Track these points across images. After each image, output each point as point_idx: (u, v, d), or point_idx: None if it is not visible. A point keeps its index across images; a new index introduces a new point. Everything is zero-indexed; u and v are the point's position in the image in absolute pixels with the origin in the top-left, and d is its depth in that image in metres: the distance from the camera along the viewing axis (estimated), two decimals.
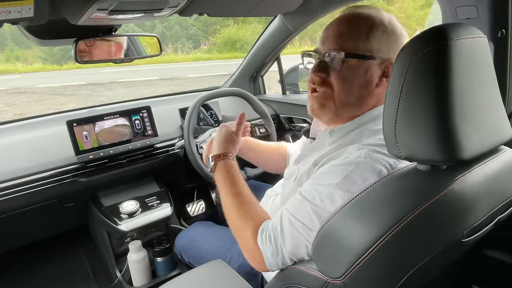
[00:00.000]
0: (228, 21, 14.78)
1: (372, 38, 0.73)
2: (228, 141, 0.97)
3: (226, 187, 0.85)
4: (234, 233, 0.80)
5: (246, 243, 0.76)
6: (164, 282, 0.88)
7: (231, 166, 0.90)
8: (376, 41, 0.73)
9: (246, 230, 0.76)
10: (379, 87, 0.75)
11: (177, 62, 12.56)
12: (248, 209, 0.79)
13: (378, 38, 0.73)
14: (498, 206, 0.60)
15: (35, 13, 0.76)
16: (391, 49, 0.74)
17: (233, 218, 0.80)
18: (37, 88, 8.52)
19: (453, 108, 0.51)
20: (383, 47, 0.74)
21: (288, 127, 1.87)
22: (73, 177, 1.32)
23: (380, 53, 0.74)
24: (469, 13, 0.93)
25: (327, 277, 0.57)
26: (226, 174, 0.88)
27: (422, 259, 0.52)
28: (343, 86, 0.76)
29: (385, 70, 0.75)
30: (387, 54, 0.74)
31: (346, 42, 0.74)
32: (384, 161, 0.65)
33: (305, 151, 0.88)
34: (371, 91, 0.75)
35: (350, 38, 0.74)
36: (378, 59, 0.74)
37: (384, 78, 0.75)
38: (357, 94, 0.75)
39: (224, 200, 0.84)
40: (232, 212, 0.80)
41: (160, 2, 0.88)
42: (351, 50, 0.74)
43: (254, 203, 0.82)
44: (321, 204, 0.66)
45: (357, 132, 0.75)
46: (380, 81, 0.75)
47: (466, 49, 0.53)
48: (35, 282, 1.53)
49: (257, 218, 0.77)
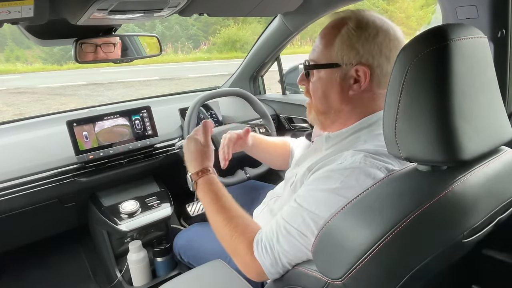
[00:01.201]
0: (228, 21, 14.78)
1: (335, 45, 0.73)
2: (201, 155, 0.91)
3: (211, 205, 0.82)
4: (227, 249, 0.78)
5: (243, 258, 0.73)
6: (164, 282, 0.88)
7: (212, 182, 0.86)
8: (339, 48, 0.72)
9: (240, 244, 0.74)
10: (353, 92, 0.74)
11: (177, 62, 12.56)
12: (238, 223, 0.77)
13: (341, 44, 0.72)
14: (498, 206, 0.60)
15: (35, 13, 0.76)
16: (361, 51, 0.71)
17: (224, 235, 0.77)
18: (37, 88, 8.52)
19: (453, 109, 0.51)
20: (349, 52, 0.71)
21: (288, 127, 1.87)
22: (73, 177, 1.31)
23: (346, 58, 0.72)
24: (469, 13, 0.93)
25: (327, 278, 0.57)
26: (209, 191, 0.84)
27: (423, 259, 0.52)
28: (317, 96, 0.78)
29: (357, 74, 0.72)
30: (356, 58, 0.71)
31: (316, 53, 0.76)
32: (380, 165, 0.65)
33: (304, 154, 0.88)
34: (344, 98, 0.75)
35: (319, 48, 0.76)
36: (345, 66, 0.72)
37: (355, 84, 0.73)
38: (331, 102, 0.76)
39: (211, 218, 0.81)
40: (222, 228, 0.78)
41: (160, 2, 0.88)
42: (318, 60, 0.76)
43: (242, 215, 0.80)
44: (317, 210, 0.65)
45: (353, 138, 0.74)
46: (352, 87, 0.73)
47: (467, 49, 0.53)
48: (35, 282, 1.53)
49: (248, 231, 0.76)
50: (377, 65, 0.71)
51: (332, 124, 0.79)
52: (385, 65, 0.71)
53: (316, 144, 0.83)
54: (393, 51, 0.71)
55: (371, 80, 0.72)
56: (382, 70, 0.71)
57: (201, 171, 0.88)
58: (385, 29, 0.72)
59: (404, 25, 13.25)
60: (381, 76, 0.72)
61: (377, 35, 0.71)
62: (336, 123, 0.79)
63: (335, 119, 0.78)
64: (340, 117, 0.77)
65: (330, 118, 0.79)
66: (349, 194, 0.60)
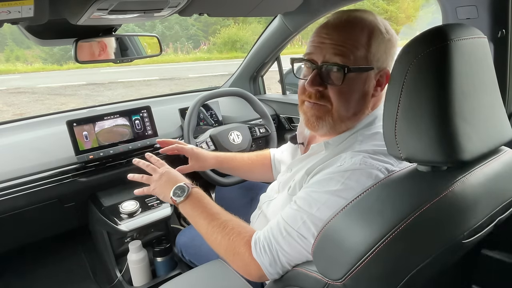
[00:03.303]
0: (228, 21, 14.77)
1: (372, 47, 0.70)
2: (175, 176, 0.89)
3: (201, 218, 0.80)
4: (224, 255, 0.76)
5: (241, 259, 0.72)
6: (164, 282, 0.88)
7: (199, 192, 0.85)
8: (375, 51, 0.71)
9: (238, 246, 0.73)
10: (374, 97, 0.74)
11: (177, 62, 12.55)
12: (233, 226, 0.76)
13: (377, 47, 0.71)
14: (498, 207, 0.60)
15: (35, 13, 0.75)
16: (388, 58, 0.72)
17: (220, 240, 0.76)
18: (37, 88, 8.51)
19: (453, 109, 0.51)
20: (381, 56, 0.71)
21: (288, 127, 1.87)
22: (73, 177, 1.31)
23: (379, 63, 0.72)
24: (469, 13, 0.93)
25: (327, 279, 0.57)
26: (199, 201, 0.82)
27: (423, 260, 0.52)
28: (343, 101, 0.71)
29: (380, 79, 0.73)
30: (384, 63, 0.72)
31: (346, 54, 0.69)
32: (380, 166, 0.65)
33: (297, 158, 0.87)
34: (368, 102, 0.74)
35: (350, 48, 0.69)
36: (376, 69, 0.72)
37: (378, 87, 0.73)
38: (355, 107, 0.73)
39: (203, 229, 0.79)
40: (216, 235, 0.76)
41: (160, 2, 0.88)
42: (352, 63, 0.69)
43: (234, 219, 0.79)
44: (318, 213, 0.65)
45: (350, 139, 0.74)
46: (375, 91, 0.73)
47: (467, 49, 0.53)
48: (35, 282, 1.53)
49: (244, 232, 0.75)
50: (390, 68, 0.73)
51: (342, 131, 0.76)
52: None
53: (313, 150, 0.81)
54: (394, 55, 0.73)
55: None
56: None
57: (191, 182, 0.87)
58: (397, 42, 0.74)
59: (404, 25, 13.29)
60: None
61: (395, 41, 0.73)
62: (345, 128, 0.76)
63: (349, 125, 0.75)
64: (354, 121, 0.75)
65: (348, 124, 0.75)
66: (350, 195, 0.59)
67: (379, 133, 0.70)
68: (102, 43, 1.17)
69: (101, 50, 1.17)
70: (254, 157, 1.17)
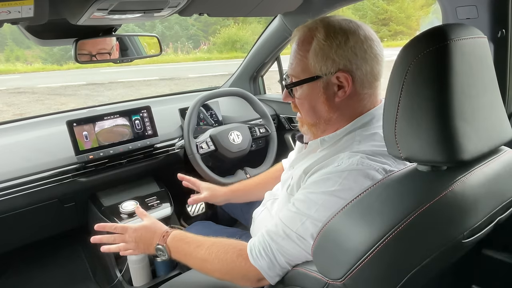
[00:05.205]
0: (228, 21, 14.77)
1: (310, 59, 0.72)
2: (154, 226, 0.88)
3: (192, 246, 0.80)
4: (222, 273, 0.76)
5: (240, 269, 0.73)
6: (164, 282, 0.88)
7: (178, 232, 0.85)
8: (315, 61, 0.72)
9: (234, 258, 0.73)
10: (339, 99, 0.73)
11: (177, 62, 12.55)
12: (224, 243, 0.77)
13: (314, 56, 0.72)
14: (498, 206, 0.60)
15: (35, 13, 0.76)
16: (337, 59, 0.70)
17: (216, 260, 0.75)
18: (37, 88, 8.51)
19: (453, 109, 0.51)
20: (326, 62, 0.71)
21: (288, 127, 1.87)
22: (73, 177, 1.31)
23: (324, 69, 0.71)
24: (469, 13, 0.93)
25: (327, 279, 0.57)
26: (181, 241, 0.83)
27: (423, 260, 0.52)
28: (304, 110, 0.78)
29: (339, 81, 0.72)
30: (334, 66, 0.71)
31: (294, 69, 0.76)
32: (377, 166, 0.65)
33: (298, 156, 0.87)
34: (332, 106, 0.75)
35: (295, 64, 0.75)
36: (325, 76, 0.72)
37: (340, 90, 0.72)
38: (320, 113, 0.76)
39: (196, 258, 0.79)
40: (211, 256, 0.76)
41: (160, 2, 0.88)
42: (298, 76, 0.75)
43: (218, 241, 0.79)
44: (316, 214, 0.65)
45: (348, 139, 0.74)
46: (337, 96, 0.73)
47: (467, 49, 0.53)
48: (35, 282, 1.52)
49: (232, 247, 0.76)
50: (356, 68, 0.71)
51: (323, 132, 0.79)
52: (363, 66, 0.71)
53: (311, 147, 0.82)
54: (368, 50, 0.71)
55: (354, 83, 0.72)
56: (362, 71, 0.71)
57: (165, 234, 0.85)
58: (353, 31, 0.71)
59: (404, 25, 13.28)
60: (363, 77, 0.72)
61: (348, 39, 0.70)
62: (328, 130, 0.78)
63: (326, 128, 0.78)
64: (330, 125, 0.77)
65: (321, 127, 0.78)
66: (348, 196, 0.60)
67: (378, 133, 0.70)
68: None
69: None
70: (267, 173, 1.21)
